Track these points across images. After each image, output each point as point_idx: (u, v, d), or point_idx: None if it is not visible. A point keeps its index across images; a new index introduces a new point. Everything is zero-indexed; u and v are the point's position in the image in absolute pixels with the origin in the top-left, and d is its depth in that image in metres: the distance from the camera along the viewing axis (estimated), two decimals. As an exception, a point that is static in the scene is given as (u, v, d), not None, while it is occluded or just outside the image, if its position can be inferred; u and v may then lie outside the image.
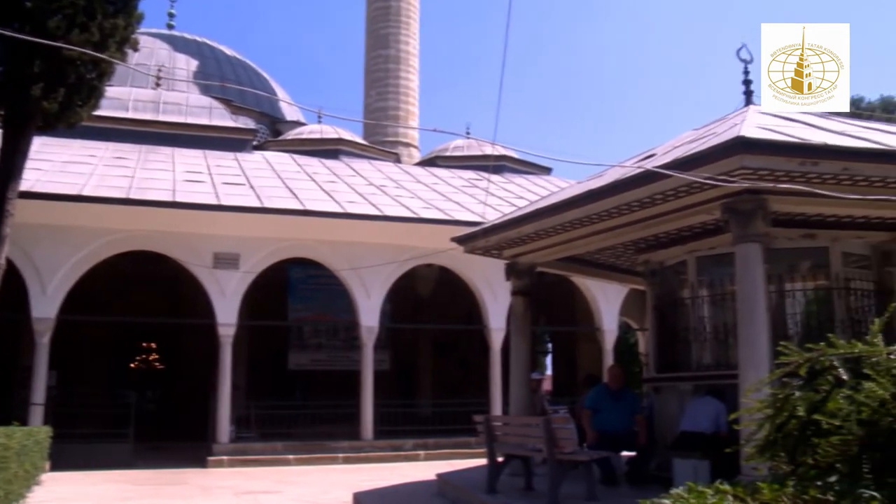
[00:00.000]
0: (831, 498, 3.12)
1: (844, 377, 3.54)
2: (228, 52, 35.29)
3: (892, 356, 3.46)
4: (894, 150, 7.16)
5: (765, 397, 4.03)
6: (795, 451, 3.75)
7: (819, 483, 3.36)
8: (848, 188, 7.14)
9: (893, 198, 7.36)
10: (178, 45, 33.05)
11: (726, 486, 3.59)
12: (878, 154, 7.06)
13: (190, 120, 24.29)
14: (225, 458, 16.42)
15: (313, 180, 20.85)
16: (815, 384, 3.75)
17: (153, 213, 16.29)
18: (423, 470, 13.94)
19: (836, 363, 3.63)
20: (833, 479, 3.36)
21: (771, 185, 6.92)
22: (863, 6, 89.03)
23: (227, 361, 17.03)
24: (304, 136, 27.11)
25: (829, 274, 9.37)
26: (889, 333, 5.37)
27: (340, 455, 17.31)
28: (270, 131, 31.12)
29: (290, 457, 16.96)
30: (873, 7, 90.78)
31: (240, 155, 23.06)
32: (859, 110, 34.55)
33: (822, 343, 3.80)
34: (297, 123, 31.08)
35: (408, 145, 33.73)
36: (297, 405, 18.46)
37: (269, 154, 24.61)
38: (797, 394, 3.75)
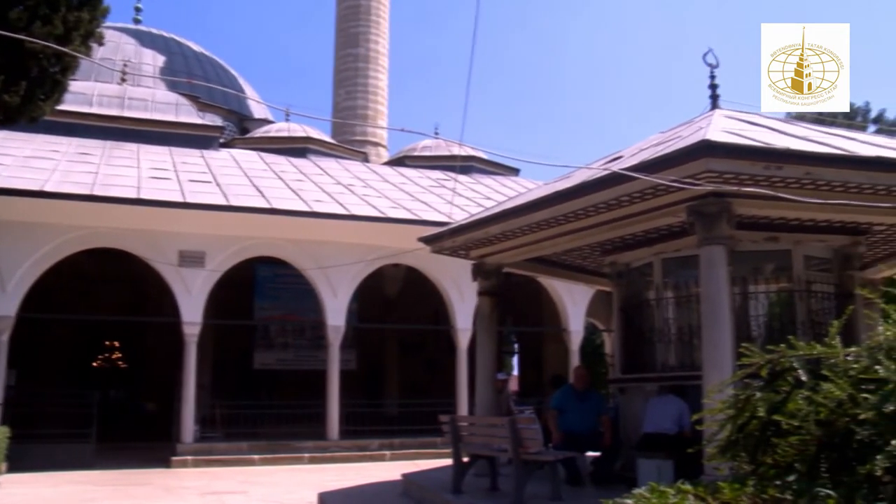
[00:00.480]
0: (789, 497, 3.17)
1: (804, 378, 3.59)
2: (196, 48, 34.95)
3: (849, 358, 3.51)
4: (855, 156, 7.27)
5: (727, 398, 4.08)
6: (756, 451, 3.79)
7: (778, 482, 3.41)
8: (810, 192, 7.23)
9: (854, 202, 7.48)
10: (145, 40, 32.68)
11: (688, 486, 3.63)
12: (840, 159, 7.16)
13: (156, 116, 24.01)
14: (189, 458, 16.26)
15: (280, 179, 20.74)
16: (775, 385, 3.80)
17: (117, 210, 16.08)
18: (388, 470, 13.92)
19: (795, 365, 3.68)
20: (792, 478, 3.40)
21: (735, 188, 6.99)
22: (828, 14, 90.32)
23: (192, 361, 16.87)
24: (271, 135, 26.95)
25: (791, 276, 9.50)
26: (848, 335, 5.46)
27: (306, 455, 17.23)
28: (238, 129, 30.90)
29: (256, 457, 16.85)
30: (836, 15, 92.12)
31: (206, 152, 22.86)
32: (822, 116, 35.04)
33: (782, 345, 3.86)
34: (265, 121, 30.90)
35: (376, 145, 33.64)
36: (262, 405, 18.32)
37: (236, 152, 24.43)
38: (758, 395, 3.80)
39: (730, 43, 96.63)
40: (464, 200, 20.66)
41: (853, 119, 36.27)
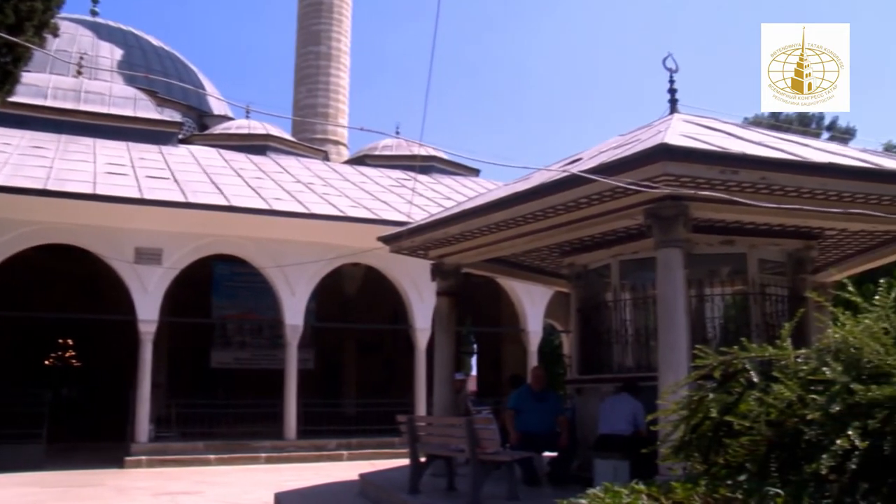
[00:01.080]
0: (740, 496, 3.21)
1: (755, 380, 3.65)
2: (155, 42, 34.42)
3: (799, 360, 3.57)
4: (809, 162, 7.39)
5: (681, 399, 4.13)
6: (708, 452, 3.84)
7: (729, 482, 3.45)
8: (765, 197, 7.34)
9: (807, 207, 7.62)
10: (102, 32, 32.09)
11: (641, 486, 3.66)
12: (794, 165, 7.27)
13: (113, 111, 23.65)
14: (143, 458, 16.03)
15: (240, 176, 20.55)
16: (728, 386, 3.86)
17: (72, 206, 15.81)
18: (346, 470, 13.87)
19: (747, 366, 3.74)
20: (742, 477, 3.45)
21: (692, 191, 7.06)
22: (788, 16, 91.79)
23: (148, 359, 16.65)
24: (231, 131, 26.69)
25: (746, 279, 9.65)
26: (799, 338, 5.56)
27: (263, 455, 17.09)
28: (197, 125, 30.54)
29: (212, 456, 16.67)
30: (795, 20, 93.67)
31: (165, 148, 22.57)
32: (778, 122, 35.64)
33: (736, 347, 3.91)
34: (225, 118, 30.59)
35: (337, 143, 33.49)
36: (219, 404, 18.12)
37: (195, 148, 24.15)
38: (711, 396, 3.85)
39: (692, 47, 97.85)
40: (424, 200, 20.65)
41: (808, 126, 36.95)
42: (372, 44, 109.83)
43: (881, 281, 3.90)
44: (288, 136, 28.05)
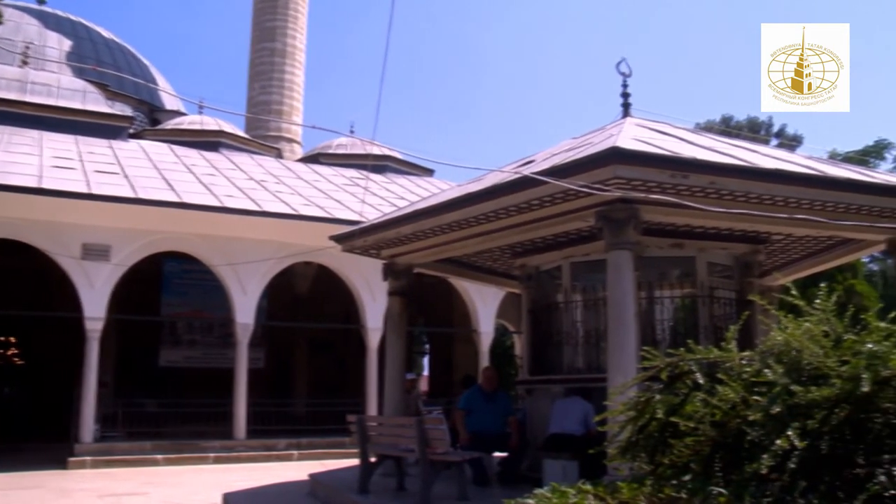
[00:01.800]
0: (684, 496, 3.26)
1: (701, 381, 3.70)
2: (105, 33, 33.77)
3: (743, 362, 3.63)
4: (757, 168, 7.53)
5: (628, 400, 4.17)
6: (655, 452, 3.89)
7: (674, 482, 3.50)
8: (714, 201, 7.46)
9: (754, 212, 7.76)
10: (50, 22, 31.40)
11: (588, 486, 3.70)
12: (743, 170, 7.41)
13: (61, 103, 23.12)
14: (88, 458, 15.70)
15: (191, 172, 20.28)
16: (674, 388, 3.91)
17: (16, 200, 15.43)
18: (295, 470, 13.76)
19: (693, 368, 3.79)
20: (687, 477, 3.50)
21: (643, 195, 7.15)
22: (747, 21, 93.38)
23: (94, 357, 16.34)
24: (183, 127, 26.33)
25: (695, 282, 9.79)
26: (746, 340, 5.65)
27: (212, 455, 16.88)
28: (148, 120, 30.08)
29: (159, 457, 16.40)
30: (747, 31, 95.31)
31: (114, 142, 22.16)
32: (728, 128, 36.27)
33: (682, 349, 3.97)
34: (178, 113, 30.14)
35: (291, 141, 33.25)
36: (168, 403, 17.87)
37: (145, 143, 23.76)
38: (657, 397, 3.90)
39: (647, 52, 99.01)
40: (377, 200, 20.60)
41: (757, 132, 37.66)
42: (328, 41, 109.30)
43: (822, 285, 3.98)
44: (241, 133, 27.77)
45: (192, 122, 26.73)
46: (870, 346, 3.29)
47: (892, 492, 2.73)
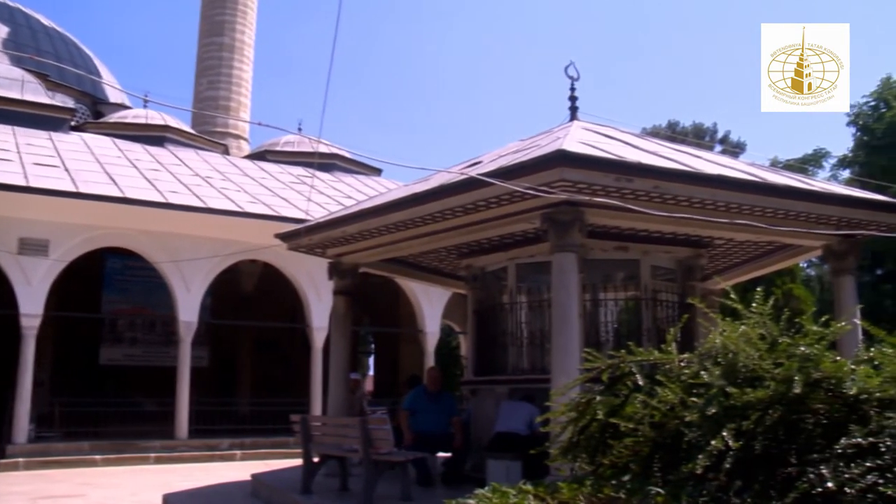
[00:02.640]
0: (623, 496, 3.30)
1: (641, 383, 3.75)
2: (46, 21, 32.81)
3: (682, 364, 3.69)
4: (700, 173, 7.67)
5: (570, 401, 4.21)
6: (595, 452, 3.93)
7: (614, 482, 3.54)
8: (658, 205, 7.57)
9: (697, 216, 7.90)
10: (-16, 7, 30.55)
11: (528, 486, 3.72)
12: (686, 175, 7.53)
13: (-2, 93, 22.58)
14: (21, 459, 15.29)
15: (135, 167, 19.93)
16: (615, 389, 3.96)
17: (-50, 193, 15.03)
18: (238, 470, 13.61)
19: (634, 370, 3.84)
20: (626, 477, 3.54)
21: (588, 198, 7.22)
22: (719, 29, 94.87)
23: (30, 356, 15.94)
24: (127, 121, 25.85)
25: (639, 285, 9.92)
26: (687, 343, 5.74)
27: (152, 455, 16.59)
28: (91, 112, 29.44)
29: (98, 457, 16.06)
30: (720, 34, 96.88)
31: (55, 135, 21.66)
32: (674, 133, 36.86)
33: (622, 350, 4.02)
34: (122, 106, 29.57)
35: (238, 137, 32.89)
36: (107, 402, 17.50)
37: (88, 136, 23.27)
38: (598, 398, 3.94)
39: (597, 56, 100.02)
40: (324, 198, 20.50)
41: (702, 138, 38.34)
42: (277, 38, 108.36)
43: (758, 289, 4.06)
44: (187, 129, 27.39)
45: (136, 115, 26.26)
46: (803, 348, 3.37)
47: (820, 489, 2.80)
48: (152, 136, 24.77)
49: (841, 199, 8.70)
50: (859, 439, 2.92)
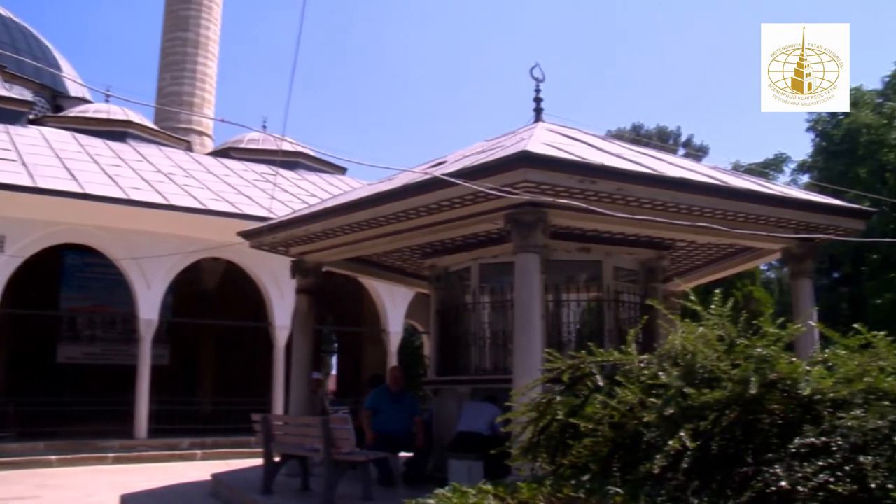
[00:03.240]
0: (582, 495, 3.32)
1: (601, 383, 3.78)
2: (3, 11, 32.04)
3: (642, 365, 3.72)
4: (663, 176, 7.75)
5: (531, 401, 4.23)
6: (556, 452, 3.95)
7: (573, 482, 3.56)
8: (621, 207, 7.64)
9: (659, 219, 7.98)
10: (-64, -5, 29.83)
11: (488, 486, 3.72)
12: (649, 178, 7.61)
13: (-48, 84, 22.14)
14: (-27, 460, 15.00)
15: (96, 162, 19.63)
16: (575, 389, 3.98)
17: None
18: (199, 470, 13.46)
19: (594, 370, 3.87)
20: (586, 477, 3.57)
21: (551, 199, 7.26)
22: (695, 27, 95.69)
23: (-16, 353, 15.68)
24: (88, 115, 25.41)
25: (601, 286, 10.00)
26: (648, 344, 5.78)
27: (111, 455, 16.33)
28: (51, 106, 28.91)
29: (53, 457, 15.74)
30: (692, 34, 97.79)
31: (12, 128, 21.22)
32: (638, 136, 37.18)
33: (583, 351, 4.05)
34: (83, 101, 29.08)
35: (201, 133, 32.52)
36: (64, 401, 17.19)
37: (47, 130, 22.84)
38: (559, 398, 3.96)
39: (562, 58, 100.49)
40: (288, 196, 20.37)
41: (666, 141, 38.70)
42: (242, 34, 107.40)
43: (717, 291, 4.11)
44: (150, 124, 27.01)
45: (97, 110, 25.83)
46: (760, 350, 3.42)
47: (774, 488, 2.84)
48: (114, 130, 24.36)
49: (800, 203, 8.85)
50: (812, 439, 2.97)
